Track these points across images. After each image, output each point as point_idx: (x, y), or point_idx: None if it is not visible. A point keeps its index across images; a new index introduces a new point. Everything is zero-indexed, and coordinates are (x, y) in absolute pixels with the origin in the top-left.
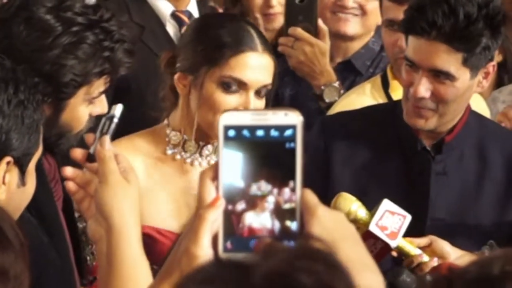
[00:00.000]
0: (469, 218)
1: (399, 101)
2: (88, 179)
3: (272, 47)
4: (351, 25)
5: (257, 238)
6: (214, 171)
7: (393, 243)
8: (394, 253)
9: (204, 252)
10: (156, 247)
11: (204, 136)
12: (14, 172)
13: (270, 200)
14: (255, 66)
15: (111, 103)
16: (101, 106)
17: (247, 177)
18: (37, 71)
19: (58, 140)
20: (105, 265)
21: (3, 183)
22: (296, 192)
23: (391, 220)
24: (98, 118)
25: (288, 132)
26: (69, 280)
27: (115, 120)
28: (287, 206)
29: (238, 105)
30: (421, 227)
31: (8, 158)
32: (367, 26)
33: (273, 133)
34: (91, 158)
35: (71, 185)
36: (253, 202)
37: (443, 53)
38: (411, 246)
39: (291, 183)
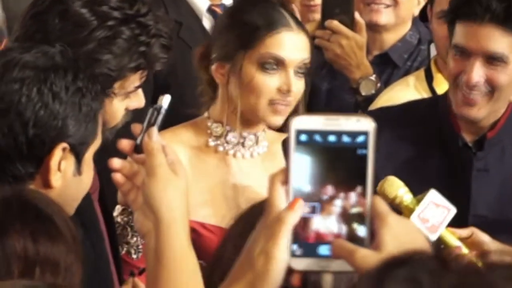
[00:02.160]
0: (509, 214)
1: (440, 96)
2: (135, 170)
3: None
4: (383, 15)
5: (325, 243)
6: (284, 175)
7: (432, 237)
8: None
9: (283, 254)
10: (200, 241)
11: (247, 125)
12: (70, 160)
13: (338, 205)
14: (291, 44)
15: (152, 99)
16: (137, 100)
17: (317, 182)
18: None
19: None
20: (153, 260)
21: (59, 169)
22: (366, 198)
23: (434, 211)
24: (143, 110)
25: (360, 138)
26: (104, 272)
27: (163, 111)
28: (355, 211)
29: (280, 85)
30: (463, 224)
31: (64, 145)
32: (400, 16)
33: (345, 139)
34: (138, 149)
35: (118, 177)
36: (322, 207)
37: (496, 36)
38: (452, 237)
39: (360, 189)
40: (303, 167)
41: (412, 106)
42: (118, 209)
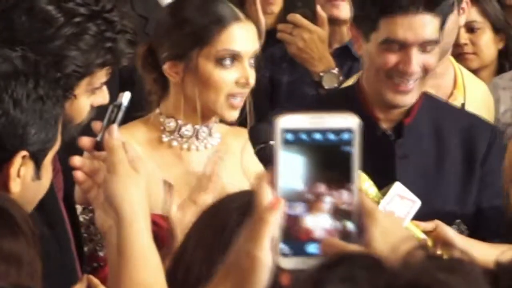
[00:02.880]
0: (434, 199)
1: (349, 88)
2: (95, 168)
3: (270, 32)
4: (343, 9)
5: (314, 241)
6: (270, 174)
7: None
8: None
9: (266, 254)
10: (161, 234)
11: (201, 119)
12: (30, 166)
13: (327, 202)
14: (244, 36)
15: (117, 94)
16: (102, 96)
17: (304, 180)
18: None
19: None
20: (115, 256)
21: (18, 176)
22: (353, 195)
23: (399, 204)
24: (104, 106)
25: (345, 135)
26: (70, 271)
27: (123, 108)
28: (344, 208)
29: (237, 78)
30: None
31: (24, 152)
32: None
33: (331, 136)
34: (98, 146)
35: (79, 175)
36: (310, 205)
37: (429, 23)
38: (417, 230)
39: (347, 186)
40: (289, 166)
41: (331, 95)
42: (78, 208)
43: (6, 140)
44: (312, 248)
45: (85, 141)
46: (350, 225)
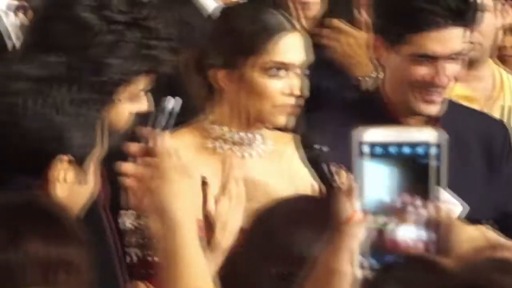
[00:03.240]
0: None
1: (372, 93)
2: (145, 174)
3: (309, 37)
4: None
5: (398, 252)
6: (349, 187)
7: None
8: None
9: (347, 267)
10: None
11: (249, 126)
12: (71, 170)
13: (411, 213)
14: (292, 46)
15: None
16: (142, 104)
17: (387, 192)
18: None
19: None
20: (166, 261)
21: (59, 180)
22: (436, 206)
23: None
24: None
25: (425, 149)
26: (111, 275)
27: (174, 114)
28: (425, 218)
29: (284, 89)
30: None
31: (64, 157)
32: None
33: (413, 149)
34: (148, 152)
35: (130, 181)
36: (394, 216)
37: (458, 36)
38: None
39: (430, 197)
40: (369, 178)
41: (352, 103)
42: (126, 213)
43: (46, 145)
44: (397, 258)
45: (134, 147)
46: (432, 235)
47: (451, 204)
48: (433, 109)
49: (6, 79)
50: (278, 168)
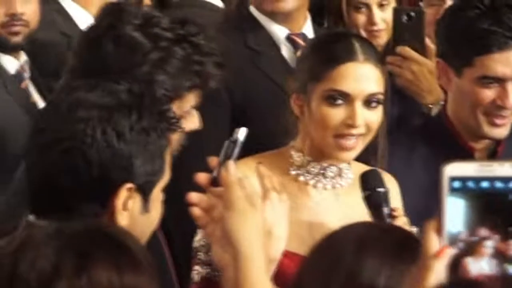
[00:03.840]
0: None
1: (439, 119)
2: (212, 203)
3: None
4: None
5: (477, 285)
6: (438, 221)
7: None
8: None
9: None
10: (280, 270)
11: (326, 157)
12: (137, 199)
13: (490, 247)
14: (357, 76)
15: (231, 129)
16: (193, 121)
17: (470, 227)
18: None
19: None
20: None
21: (125, 209)
22: None
23: None
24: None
25: None
26: None
27: (239, 143)
28: (507, 253)
29: (345, 119)
30: None
31: (130, 185)
32: None
33: (498, 184)
34: (215, 182)
35: (196, 211)
36: (473, 250)
37: None
38: None
39: (510, 232)
40: (456, 213)
41: (421, 129)
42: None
43: (112, 173)
44: None
45: (202, 177)
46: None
47: None
48: (501, 132)
49: (75, 107)
50: (352, 203)
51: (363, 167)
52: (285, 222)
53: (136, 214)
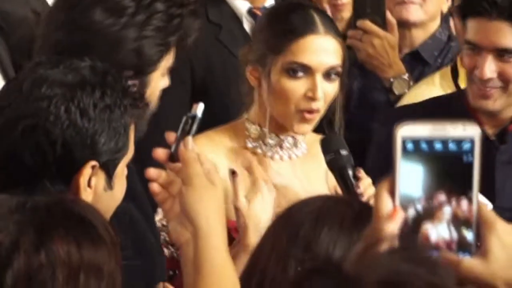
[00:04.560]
0: None
1: (460, 91)
2: (170, 179)
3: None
4: (413, 12)
5: (433, 250)
6: (390, 183)
7: None
8: None
9: None
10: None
11: (282, 128)
12: (101, 176)
13: (446, 212)
14: (318, 49)
15: (190, 103)
16: (166, 80)
17: (423, 189)
18: (124, 50)
19: None
20: (191, 271)
21: (89, 186)
22: (472, 205)
23: None
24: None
25: (466, 145)
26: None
27: (197, 119)
28: (462, 218)
29: (306, 91)
30: None
31: (93, 162)
32: (429, 13)
33: (451, 146)
34: (173, 158)
35: (155, 186)
36: (428, 213)
37: (505, 31)
38: None
39: (467, 195)
40: (410, 175)
41: (431, 103)
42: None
43: (75, 151)
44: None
45: (160, 153)
46: (468, 235)
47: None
48: (487, 104)
49: (38, 84)
50: (311, 172)
51: (315, 136)
52: (271, 211)
53: (100, 191)
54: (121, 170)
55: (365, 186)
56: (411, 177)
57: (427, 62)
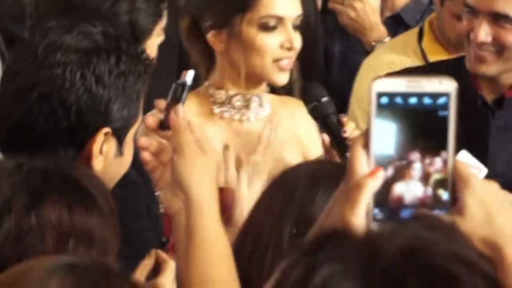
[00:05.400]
0: None
1: (462, 57)
2: (161, 147)
3: (322, 3)
4: None
5: (407, 207)
6: (365, 138)
7: None
8: None
9: (361, 220)
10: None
11: (250, 87)
12: (112, 143)
13: (419, 168)
14: (287, 0)
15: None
16: (163, 34)
17: (399, 146)
18: (119, 23)
19: None
20: (184, 239)
21: (101, 153)
22: (448, 162)
23: None
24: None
25: (442, 100)
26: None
27: (187, 86)
28: (438, 175)
29: (282, 42)
30: None
31: (106, 129)
32: None
33: (427, 100)
34: (163, 125)
35: (146, 155)
36: (403, 171)
37: None
38: None
39: (443, 152)
40: (385, 131)
41: (434, 67)
42: None
43: (89, 118)
44: (405, 213)
45: (150, 121)
46: (443, 193)
47: (476, 167)
48: (482, 68)
49: (52, 51)
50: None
51: (275, 96)
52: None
53: (111, 157)
54: (130, 137)
55: (351, 130)
56: (386, 132)
57: (409, 26)
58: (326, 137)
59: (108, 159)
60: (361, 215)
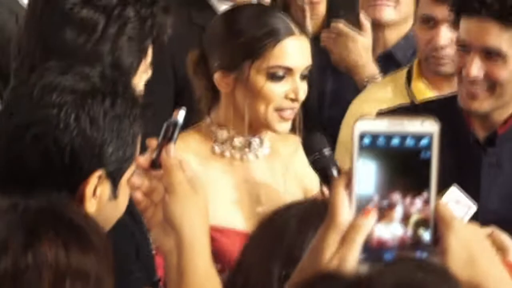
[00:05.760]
0: None
1: (454, 96)
2: (152, 187)
3: (314, 40)
4: (386, 12)
5: (388, 249)
6: (347, 179)
7: None
8: None
9: (356, 260)
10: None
11: (252, 130)
12: (106, 186)
13: (399, 211)
14: (297, 50)
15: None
16: (150, 71)
17: (380, 186)
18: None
19: None
20: (175, 278)
21: (94, 195)
22: (430, 203)
23: (455, 209)
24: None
25: (424, 141)
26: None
27: (179, 125)
28: (419, 216)
29: (287, 92)
30: (473, 219)
31: (100, 172)
32: (402, 13)
33: (409, 141)
34: (155, 164)
35: (138, 195)
36: (384, 212)
37: (493, 31)
38: None
39: (424, 193)
40: (366, 171)
41: (427, 105)
42: None
43: (83, 160)
44: (388, 256)
45: (142, 160)
46: (425, 234)
47: (466, 205)
48: (474, 105)
49: (49, 91)
50: (277, 169)
51: (276, 136)
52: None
53: (105, 200)
54: (126, 180)
55: None
56: (368, 173)
57: (400, 63)
58: (326, 190)
59: (101, 202)
60: (357, 255)
